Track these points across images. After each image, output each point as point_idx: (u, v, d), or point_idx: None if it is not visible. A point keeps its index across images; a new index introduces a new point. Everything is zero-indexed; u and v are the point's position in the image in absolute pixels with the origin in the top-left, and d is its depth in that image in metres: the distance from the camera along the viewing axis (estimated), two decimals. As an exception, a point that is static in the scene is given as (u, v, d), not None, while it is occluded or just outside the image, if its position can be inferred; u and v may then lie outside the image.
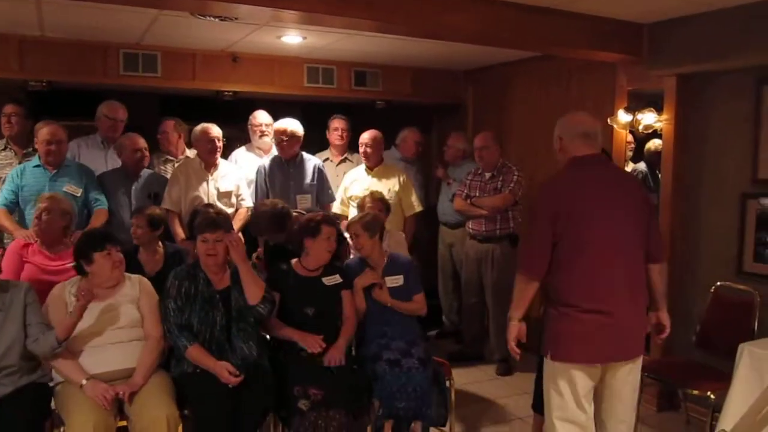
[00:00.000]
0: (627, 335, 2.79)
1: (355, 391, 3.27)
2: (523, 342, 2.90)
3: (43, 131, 4.23)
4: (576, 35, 4.19)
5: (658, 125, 4.44)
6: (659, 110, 4.41)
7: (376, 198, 4.39)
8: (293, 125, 4.81)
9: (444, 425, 3.56)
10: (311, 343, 3.31)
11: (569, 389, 2.79)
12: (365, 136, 5.05)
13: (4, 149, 4.67)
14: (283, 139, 4.76)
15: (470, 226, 5.11)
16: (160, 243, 3.86)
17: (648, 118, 4.45)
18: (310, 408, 3.09)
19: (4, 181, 4.47)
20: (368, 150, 5.02)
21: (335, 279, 3.59)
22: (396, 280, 3.71)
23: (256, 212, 4.18)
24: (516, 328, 2.88)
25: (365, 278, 3.64)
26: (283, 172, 4.80)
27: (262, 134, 5.15)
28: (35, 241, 3.75)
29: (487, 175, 5.05)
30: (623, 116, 4.57)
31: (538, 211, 2.84)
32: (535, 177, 5.16)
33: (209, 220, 3.31)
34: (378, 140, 5.06)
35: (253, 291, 3.25)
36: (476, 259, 5.11)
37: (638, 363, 2.89)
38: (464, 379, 4.80)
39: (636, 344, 2.85)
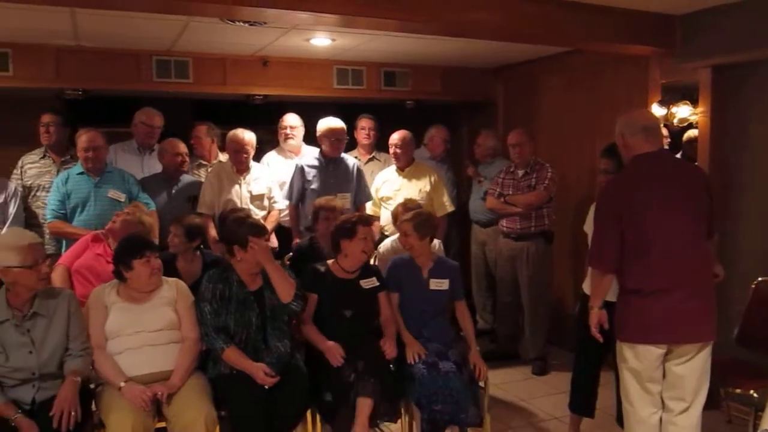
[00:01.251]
0: (692, 319, 2.90)
1: (389, 391, 3.28)
2: (605, 328, 3.07)
3: (82, 138, 4.34)
4: (607, 29, 4.14)
5: (693, 118, 4.36)
6: (694, 103, 4.32)
7: (409, 208, 4.27)
8: (343, 124, 4.85)
9: (480, 425, 3.55)
10: (333, 356, 3.31)
11: (637, 369, 2.98)
12: (395, 137, 5.05)
13: (43, 157, 4.79)
14: (338, 138, 4.78)
15: (504, 224, 5.08)
16: (198, 252, 3.89)
17: (683, 111, 4.37)
18: (360, 376, 3.17)
19: (40, 189, 4.59)
20: (398, 151, 5.02)
21: (372, 282, 3.61)
22: (440, 284, 3.68)
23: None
24: (597, 315, 3.07)
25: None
26: (323, 171, 4.79)
27: (287, 137, 5.19)
28: (107, 239, 3.85)
29: (520, 172, 5.01)
30: (657, 110, 4.49)
31: (603, 209, 3.02)
32: (566, 173, 5.10)
33: (254, 226, 3.35)
34: (408, 140, 5.06)
35: (285, 289, 3.28)
36: (510, 257, 5.07)
37: (706, 348, 2.97)
38: (499, 378, 4.77)
39: (701, 329, 2.94)
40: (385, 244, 4.40)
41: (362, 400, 3.14)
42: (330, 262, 3.63)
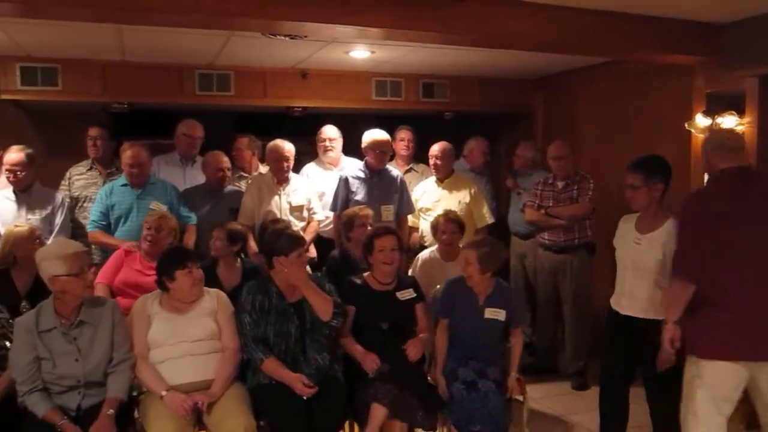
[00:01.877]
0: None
1: (425, 405, 3.25)
2: (676, 346, 3.01)
3: (127, 154, 4.43)
4: (650, 39, 4.07)
5: (739, 129, 4.25)
6: (740, 112, 4.22)
7: (450, 219, 4.27)
8: (388, 137, 4.90)
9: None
10: (369, 363, 3.31)
11: (707, 387, 2.88)
12: (435, 148, 5.05)
13: (89, 169, 4.92)
14: (383, 150, 4.81)
15: (545, 237, 5.01)
16: (238, 259, 3.95)
17: (728, 122, 4.27)
18: (377, 377, 3.18)
19: (87, 200, 4.70)
20: (438, 162, 5.01)
21: (409, 293, 3.59)
22: (497, 313, 3.49)
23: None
24: (671, 331, 3.00)
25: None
26: (367, 183, 4.81)
27: (326, 149, 5.22)
28: (139, 250, 3.96)
29: (560, 184, 4.95)
30: (702, 120, 4.40)
31: (685, 220, 3.03)
32: (607, 184, 5.02)
33: (292, 237, 3.39)
34: (448, 152, 5.05)
35: (322, 307, 3.29)
36: (552, 270, 5.00)
37: None
38: (537, 393, 4.69)
39: None
40: (423, 255, 4.38)
41: (376, 406, 3.12)
42: (366, 274, 3.64)
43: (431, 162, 5.06)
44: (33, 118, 5.72)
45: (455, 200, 4.91)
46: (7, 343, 3.05)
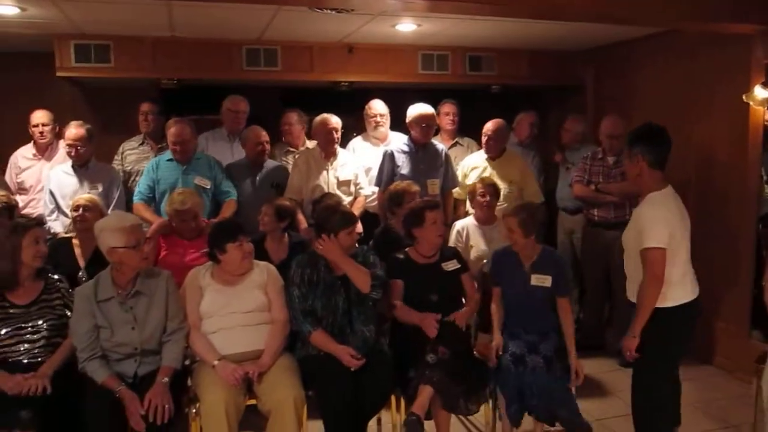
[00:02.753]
0: None
1: (470, 389, 3.29)
2: None
3: (171, 132, 4.50)
4: (707, 8, 3.93)
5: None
6: (803, 84, 4.06)
7: (486, 183, 4.42)
8: (433, 110, 4.88)
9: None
10: (429, 326, 3.31)
11: None
12: (489, 126, 4.98)
13: (141, 144, 5.05)
14: (428, 124, 4.80)
15: (595, 213, 4.94)
16: (285, 234, 4.01)
17: (789, 94, 4.12)
18: (435, 363, 3.14)
19: (139, 174, 4.83)
20: (491, 141, 4.96)
21: (454, 264, 3.61)
22: (542, 279, 3.51)
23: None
24: None
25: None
26: (412, 157, 4.81)
27: (377, 125, 5.21)
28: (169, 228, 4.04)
29: (611, 159, 4.86)
30: (760, 92, 4.24)
31: None
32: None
33: (345, 216, 3.43)
34: (502, 130, 5.00)
35: (361, 280, 3.31)
36: (602, 247, 4.92)
37: None
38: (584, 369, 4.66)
39: None
40: (459, 223, 4.48)
41: (424, 387, 3.14)
42: (408, 249, 3.64)
43: (484, 139, 5.01)
44: (87, 95, 5.86)
45: (506, 179, 4.87)
46: (68, 312, 3.17)
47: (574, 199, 5.16)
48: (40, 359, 3.04)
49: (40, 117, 4.87)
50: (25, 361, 3.02)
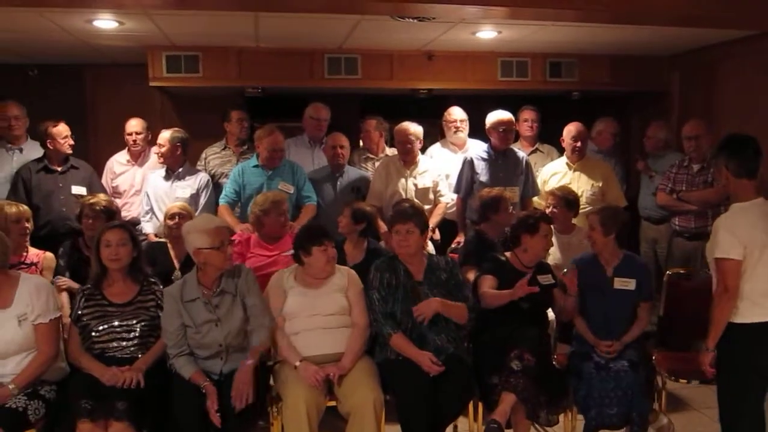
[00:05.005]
0: None
1: (551, 386, 3.25)
2: None
3: (269, 140, 4.62)
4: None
5: None
6: None
7: (557, 195, 4.36)
8: (511, 116, 4.87)
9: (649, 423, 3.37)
10: (521, 286, 3.28)
11: None
12: (573, 130, 4.93)
13: (224, 149, 5.25)
14: (507, 129, 4.80)
15: (677, 222, 4.80)
16: (364, 239, 4.08)
17: None
18: (520, 370, 3.12)
19: (222, 176, 5.00)
20: (579, 145, 4.90)
21: (548, 279, 3.58)
22: (626, 283, 3.49)
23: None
24: None
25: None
26: (492, 165, 4.81)
27: (457, 129, 5.22)
28: (254, 233, 4.15)
29: (696, 167, 4.70)
30: None
31: None
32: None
33: (400, 211, 3.48)
34: (585, 134, 4.96)
35: (459, 315, 3.35)
36: (684, 257, 4.77)
37: None
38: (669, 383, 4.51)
39: None
40: None
41: (507, 394, 3.12)
42: (509, 254, 3.63)
43: (570, 144, 4.93)
44: (176, 103, 6.13)
45: (587, 183, 4.80)
46: (161, 313, 3.31)
47: (658, 208, 5.02)
48: (133, 356, 3.19)
49: (134, 126, 5.13)
50: (120, 355, 3.18)
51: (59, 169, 4.68)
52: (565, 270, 3.85)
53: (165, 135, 4.77)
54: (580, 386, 3.27)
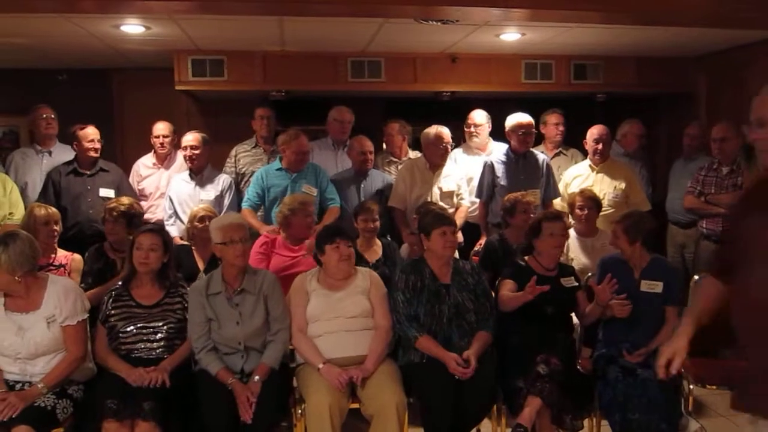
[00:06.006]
0: None
1: (576, 391, 3.22)
2: None
3: (295, 144, 4.64)
4: None
5: None
6: None
7: (586, 195, 4.32)
8: (531, 119, 4.84)
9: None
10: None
11: None
12: (595, 132, 4.88)
13: (254, 147, 5.29)
14: (526, 132, 4.77)
15: (704, 225, 4.72)
16: (377, 238, 4.16)
17: None
18: (547, 374, 3.11)
19: (252, 175, 5.01)
20: (601, 147, 4.85)
21: (571, 281, 3.57)
22: (653, 286, 3.47)
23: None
24: None
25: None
26: (511, 168, 4.79)
27: (471, 135, 5.23)
28: (280, 235, 4.17)
29: (725, 169, 4.63)
30: None
31: None
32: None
33: (440, 215, 3.50)
34: (608, 136, 4.91)
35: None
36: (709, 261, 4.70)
37: None
38: (698, 390, 4.44)
39: None
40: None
41: (533, 398, 3.10)
42: (528, 258, 3.62)
43: (592, 146, 4.89)
44: (200, 106, 6.20)
45: (610, 186, 4.75)
46: (187, 315, 3.35)
47: (687, 212, 4.96)
48: (159, 357, 3.23)
49: (161, 129, 5.19)
50: (147, 356, 3.22)
51: (88, 172, 4.74)
52: (591, 274, 3.82)
53: (196, 137, 4.79)
54: (605, 390, 3.24)
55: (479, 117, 5.23)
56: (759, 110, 2.07)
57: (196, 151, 4.77)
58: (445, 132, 4.72)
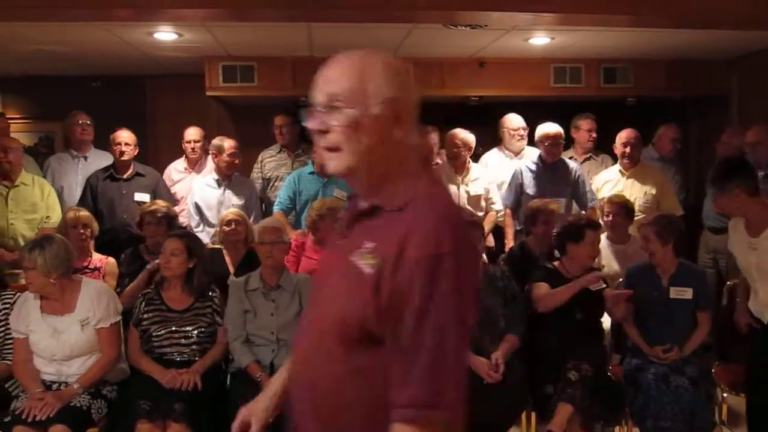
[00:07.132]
0: None
1: (606, 398, 3.19)
2: None
3: None
4: None
5: None
6: None
7: (614, 201, 4.25)
8: (559, 129, 4.79)
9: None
10: (591, 280, 3.33)
11: None
12: (624, 136, 4.82)
13: (279, 152, 5.36)
14: (553, 143, 4.74)
15: (739, 231, 4.63)
16: None
17: None
18: (578, 380, 3.09)
19: (278, 179, 5.09)
20: (631, 151, 4.79)
21: (599, 285, 3.53)
22: (683, 292, 3.42)
23: None
24: None
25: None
26: (539, 176, 4.76)
27: (521, 138, 5.18)
28: (309, 238, 4.21)
29: (760, 174, 4.54)
30: None
31: None
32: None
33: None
34: (638, 140, 4.84)
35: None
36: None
37: None
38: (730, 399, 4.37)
39: None
40: None
41: (563, 405, 3.08)
42: (556, 263, 3.60)
43: (621, 150, 4.83)
44: (231, 112, 6.26)
45: (641, 191, 4.69)
46: (218, 319, 3.42)
47: (722, 218, 4.87)
48: (191, 360, 3.29)
49: (192, 134, 5.25)
50: (179, 359, 3.28)
51: (123, 176, 4.80)
52: (621, 280, 3.78)
53: (231, 143, 4.78)
54: (636, 396, 3.20)
55: (521, 121, 5.19)
56: None
57: (237, 159, 4.79)
58: (461, 135, 4.71)
